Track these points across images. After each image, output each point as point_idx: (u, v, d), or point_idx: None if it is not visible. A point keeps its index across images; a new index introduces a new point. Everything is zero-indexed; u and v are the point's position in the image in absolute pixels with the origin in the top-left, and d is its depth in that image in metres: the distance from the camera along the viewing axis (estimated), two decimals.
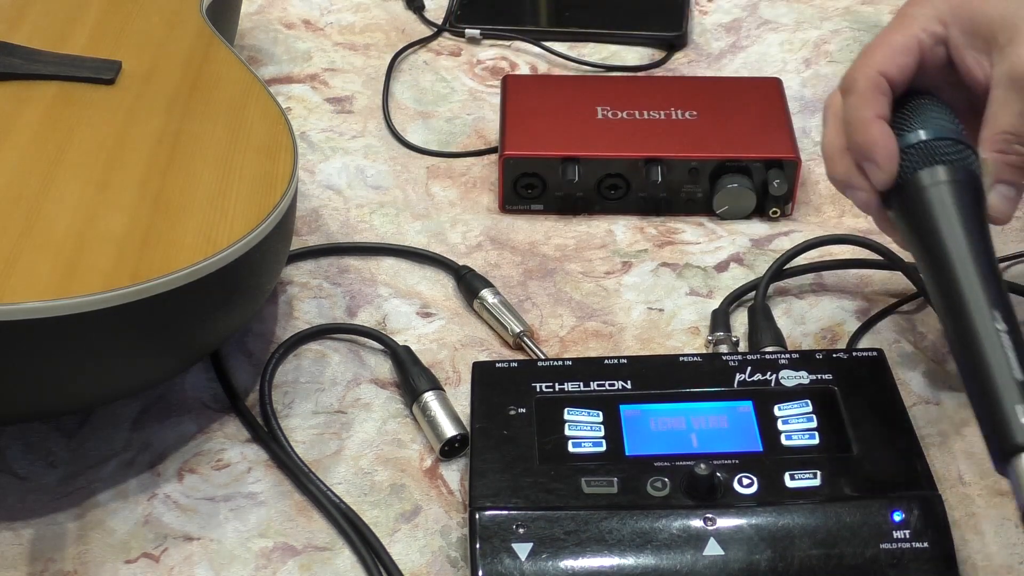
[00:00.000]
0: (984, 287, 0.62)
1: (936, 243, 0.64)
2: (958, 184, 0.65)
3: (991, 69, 0.66)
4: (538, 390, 0.72)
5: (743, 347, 0.79)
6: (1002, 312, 0.62)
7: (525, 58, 1.05)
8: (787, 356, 0.73)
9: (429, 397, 0.74)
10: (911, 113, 0.68)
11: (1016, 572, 0.67)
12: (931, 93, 0.69)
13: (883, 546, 0.64)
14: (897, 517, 0.64)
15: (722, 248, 0.87)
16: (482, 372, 0.74)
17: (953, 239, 0.64)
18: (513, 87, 0.95)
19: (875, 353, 0.74)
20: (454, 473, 0.73)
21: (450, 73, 1.04)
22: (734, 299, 0.82)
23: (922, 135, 0.66)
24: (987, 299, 0.62)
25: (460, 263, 0.85)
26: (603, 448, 0.69)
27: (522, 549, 0.64)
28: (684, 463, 0.67)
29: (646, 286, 0.84)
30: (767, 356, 0.74)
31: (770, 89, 0.94)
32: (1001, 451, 0.59)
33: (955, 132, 0.67)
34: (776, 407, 0.70)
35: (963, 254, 0.63)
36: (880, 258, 0.83)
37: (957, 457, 0.73)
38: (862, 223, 0.88)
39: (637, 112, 0.91)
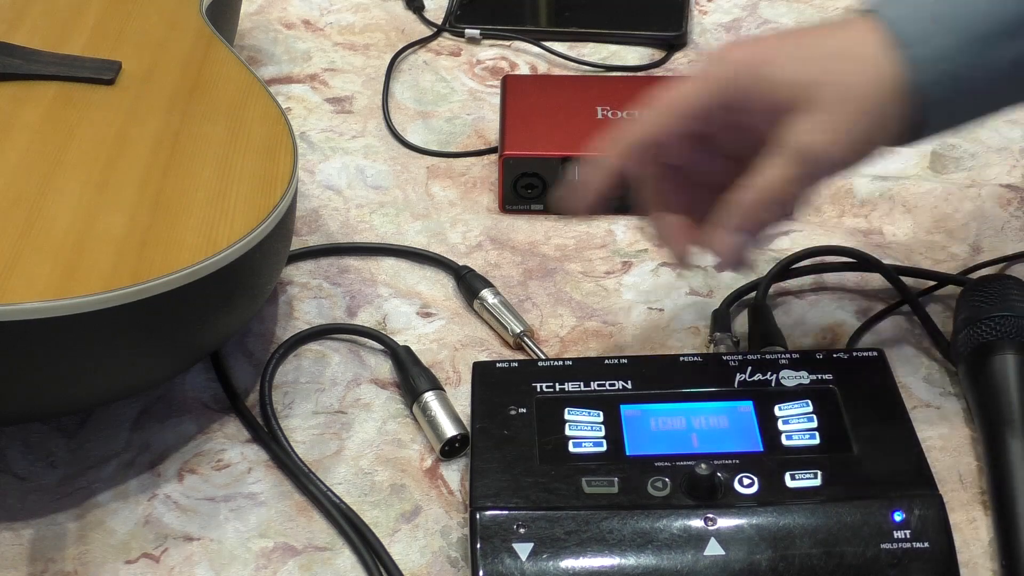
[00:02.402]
0: None
1: (993, 407, 0.71)
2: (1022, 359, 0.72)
3: (770, 131, 0.64)
4: (538, 390, 0.72)
5: (743, 347, 0.79)
6: None
7: (525, 58, 1.05)
8: (787, 356, 0.73)
9: (429, 397, 0.74)
10: (996, 292, 0.75)
11: None
12: (1015, 278, 0.76)
13: (884, 546, 0.64)
14: (898, 517, 0.64)
15: None
16: (482, 372, 0.74)
17: (1008, 405, 0.70)
18: (513, 87, 0.95)
19: (875, 353, 0.74)
20: (454, 473, 0.73)
21: (450, 73, 1.04)
22: (734, 299, 0.82)
23: (999, 311, 0.73)
24: None
25: (460, 263, 0.85)
26: (604, 448, 0.69)
27: (523, 549, 0.64)
28: (685, 463, 0.67)
29: (646, 286, 0.84)
30: (767, 356, 0.74)
31: None
32: None
33: None
34: (776, 407, 0.70)
35: (1016, 421, 0.69)
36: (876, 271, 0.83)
37: (957, 458, 0.73)
38: (862, 223, 0.88)
39: (637, 112, 0.91)
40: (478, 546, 0.64)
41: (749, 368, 0.73)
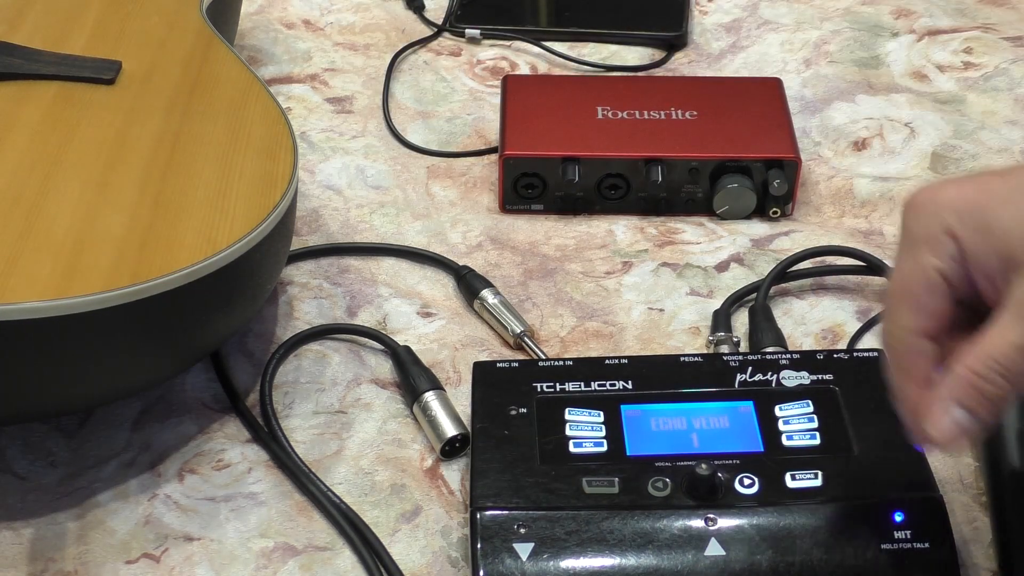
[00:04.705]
0: None
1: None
2: None
3: (1003, 286, 0.55)
4: (539, 390, 0.72)
5: (744, 347, 0.79)
6: None
7: (525, 58, 1.05)
8: (788, 356, 0.73)
9: (430, 397, 0.74)
10: None
11: None
12: None
13: (884, 546, 0.64)
14: (898, 518, 0.64)
15: (722, 248, 0.87)
16: (483, 372, 0.74)
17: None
18: (513, 87, 0.95)
19: (876, 353, 0.74)
20: (455, 473, 0.73)
21: (450, 73, 1.04)
22: (735, 299, 0.82)
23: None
24: None
25: (460, 263, 0.85)
26: (604, 448, 0.69)
27: (523, 549, 0.64)
28: (685, 463, 0.67)
29: (646, 286, 0.84)
30: (768, 356, 0.74)
31: (770, 89, 0.94)
32: None
33: None
34: (777, 407, 0.70)
35: (1012, 421, 0.68)
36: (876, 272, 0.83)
37: (957, 458, 0.73)
38: (862, 223, 0.88)
39: (637, 112, 0.91)
40: (478, 546, 0.64)
41: (749, 368, 0.73)
